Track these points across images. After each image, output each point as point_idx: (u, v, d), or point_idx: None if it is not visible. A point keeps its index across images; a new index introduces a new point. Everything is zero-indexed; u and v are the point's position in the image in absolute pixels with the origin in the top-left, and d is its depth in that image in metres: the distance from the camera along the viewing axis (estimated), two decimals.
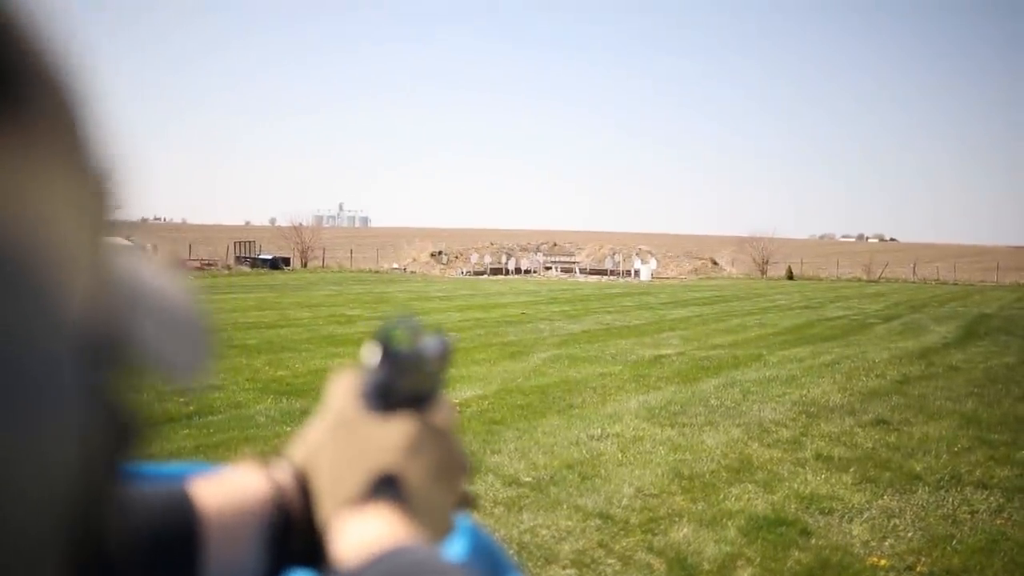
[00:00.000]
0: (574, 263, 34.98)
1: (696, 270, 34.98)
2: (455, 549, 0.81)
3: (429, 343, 0.86)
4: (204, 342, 0.38)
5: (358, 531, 0.57)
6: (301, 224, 41.14)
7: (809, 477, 4.53)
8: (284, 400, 6.69)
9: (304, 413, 6.10)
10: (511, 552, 3.44)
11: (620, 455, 5.00)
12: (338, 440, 0.64)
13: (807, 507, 4.02)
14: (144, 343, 0.32)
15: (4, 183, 0.22)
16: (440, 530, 0.64)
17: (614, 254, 35.48)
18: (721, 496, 4.18)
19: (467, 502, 0.75)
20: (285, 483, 0.65)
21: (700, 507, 4.00)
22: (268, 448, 5.14)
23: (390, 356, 0.68)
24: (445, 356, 0.88)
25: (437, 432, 0.66)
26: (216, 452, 4.95)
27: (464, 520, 0.81)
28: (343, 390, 0.68)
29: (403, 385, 0.67)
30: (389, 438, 0.64)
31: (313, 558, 0.64)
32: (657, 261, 33.59)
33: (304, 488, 0.65)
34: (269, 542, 0.63)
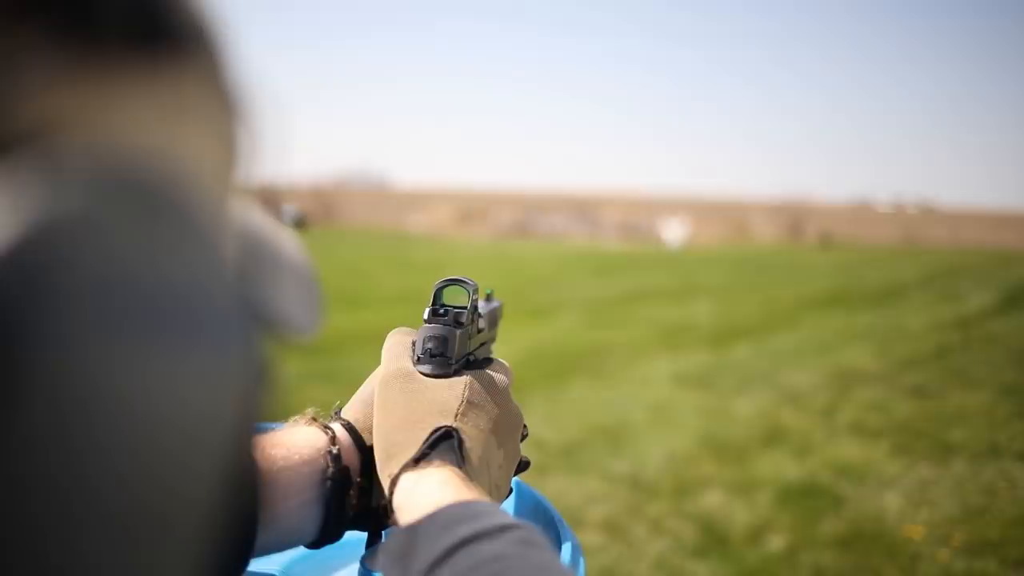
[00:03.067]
0: (601, 225, 34.82)
1: (728, 233, 34.70)
2: (508, 506, 0.78)
3: (482, 305, 0.80)
4: (316, 295, 0.37)
5: (419, 489, 0.54)
6: (323, 183, 41.28)
7: (843, 445, 4.45)
8: (311, 360, 6.68)
9: (331, 374, 6.09)
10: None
11: (649, 420, 4.94)
12: (395, 398, 0.61)
13: (840, 475, 3.95)
14: (268, 297, 0.32)
15: (169, 127, 0.22)
16: (499, 489, 0.62)
17: (643, 217, 35.31)
18: (752, 463, 4.11)
19: (523, 463, 0.71)
20: (343, 441, 0.63)
21: (731, 474, 3.93)
22: (297, 409, 5.13)
23: (446, 315, 0.66)
24: (498, 316, 0.83)
25: (495, 390, 0.64)
26: None
27: (514, 479, 0.77)
28: (399, 348, 0.66)
29: (459, 344, 0.64)
30: (447, 396, 0.61)
31: (373, 517, 0.64)
32: (688, 224, 33.34)
33: (361, 446, 0.64)
34: (327, 498, 0.61)
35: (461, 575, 0.44)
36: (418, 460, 0.56)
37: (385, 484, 0.58)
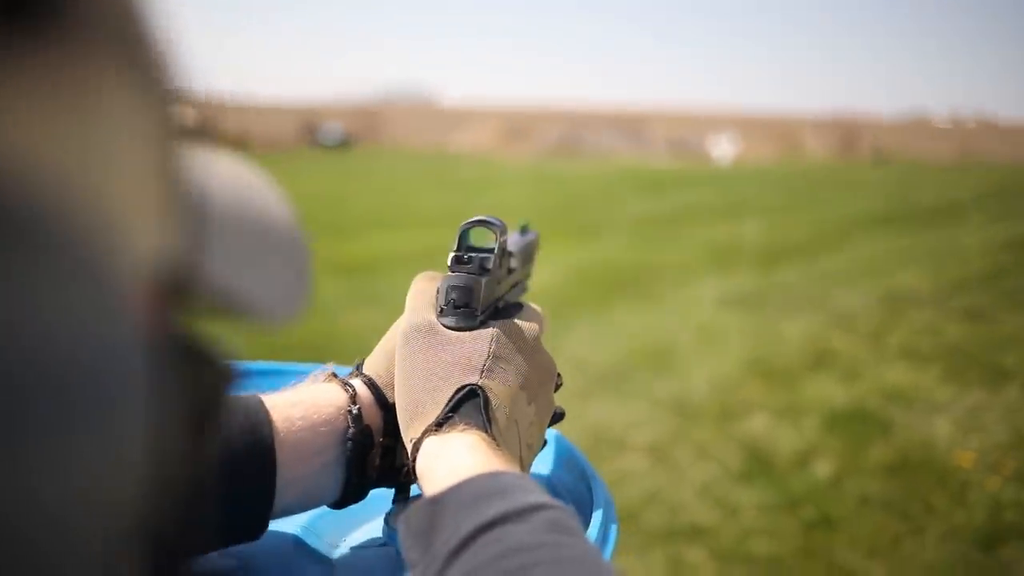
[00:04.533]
0: (649, 142, 34.31)
1: (778, 150, 34.01)
2: (539, 460, 0.75)
3: (515, 240, 0.75)
4: (303, 267, 0.31)
5: (442, 456, 0.51)
6: (369, 101, 40.97)
7: (892, 369, 4.38)
8: (351, 282, 6.71)
9: (372, 296, 6.12)
10: (583, 447, 3.40)
11: (695, 343, 4.90)
12: (416, 355, 0.58)
13: (889, 400, 3.89)
14: (224, 277, 0.26)
15: (44, 124, 0.16)
16: (530, 448, 0.59)
17: (693, 134, 34.73)
18: (800, 387, 4.07)
19: (556, 416, 0.68)
20: (364, 398, 0.60)
21: (778, 398, 3.89)
22: (340, 333, 5.17)
23: (471, 261, 0.61)
24: (533, 250, 0.78)
25: (523, 342, 0.60)
26: (290, 331, 4.97)
27: (549, 430, 0.74)
28: (422, 299, 0.62)
29: (485, 293, 0.60)
30: (471, 351, 0.57)
31: (398, 476, 0.61)
32: (737, 140, 32.74)
33: (384, 403, 0.61)
34: (348, 459, 0.58)
35: (486, 564, 0.42)
36: (441, 423, 0.53)
37: (408, 447, 0.56)
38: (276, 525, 0.61)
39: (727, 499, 2.87)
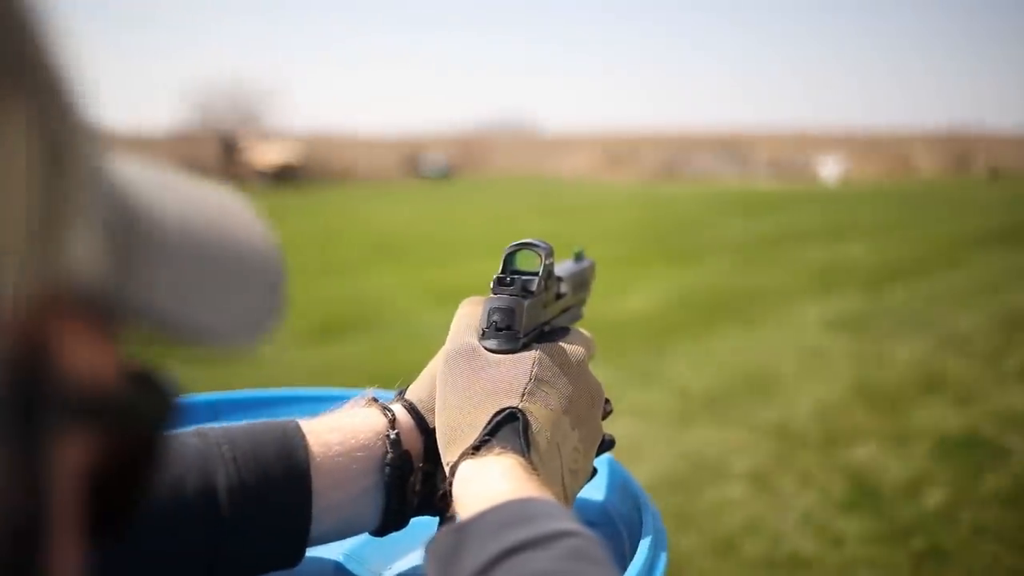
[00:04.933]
0: (752, 164, 33.80)
1: (888, 168, 33.06)
2: (592, 486, 0.73)
3: (567, 266, 0.75)
4: (262, 293, 0.29)
5: (476, 481, 0.50)
6: (469, 131, 41.48)
7: (1009, 393, 4.18)
8: (451, 308, 6.76)
9: None
10: (680, 473, 3.35)
11: (798, 367, 4.78)
12: (456, 377, 0.57)
13: (1006, 426, 3.71)
14: (170, 302, 0.24)
15: None
16: (574, 474, 0.58)
17: (798, 155, 34.06)
18: (909, 413, 3.92)
19: (605, 443, 0.66)
20: (403, 423, 0.60)
21: (885, 424, 3.76)
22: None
23: (513, 283, 0.60)
24: (588, 277, 0.77)
25: (568, 365, 0.59)
26: (386, 359, 5.03)
27: (603, 457, 0.73)
28: (466, 321, 0.61)
29: (527, 315, 0.59)
30: (512, 374, 0.56)
31: (440, 503, 0.59)
32: (844, 160, 31.95)
33: (424, 428, 0.60)
34: (387, 485, 0.58)
35: None
36: (478, 447, 0.52)
37: (447, 471, 0.55)
38: (318, 552, 0.62)
39: (830, 529, 2.78)
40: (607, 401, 0.66)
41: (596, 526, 0.67)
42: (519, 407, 0.54)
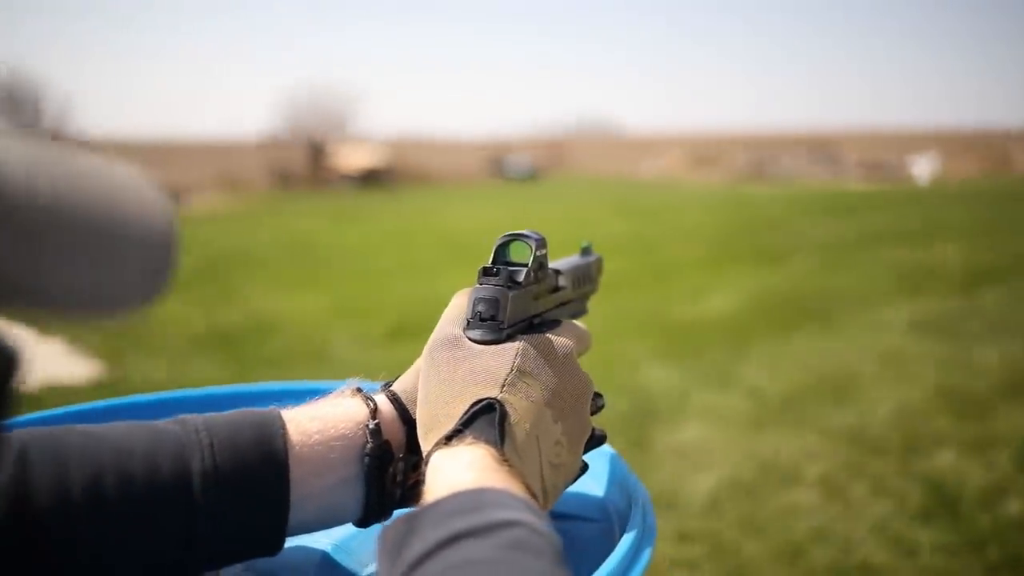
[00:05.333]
0: (842, 164, 33.04)
1: (985, 167, 31.95)
2: (593, 482, 0.72)
3: (570, 260, 0.73)
4: (144, 263, 0.30)
5: (443, 470, 0.49)
6: (556, 133, 41.49)
7: None
8: None
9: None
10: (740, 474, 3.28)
11: (880, 370, 4.65)
12: (438, 367, 0.57)
13: None
14: (14, 272, 0.25)
15: None
16: (556, 468, 0.56)
17: (889, 154, 33.19)
18: (994, 419, 3.77)
19: (595, 438, 0.65)
20: (386, 414, 0.60)
21: (967, 430, 3.62)
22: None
23: (498, 271, 0.60)
24: (592, 272, 0.76)
25: (553, 358, 0.58)
26: None
27: (602, 450, 0.72)
28: (455, 312, 0.61)
29: (512, 306, 0.58)
30: (494, 364, 0.56)
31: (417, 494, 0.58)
32: (937, 159, 31.02)
33: (407, 419, 0.60)
34: (367, 475, 0.58)
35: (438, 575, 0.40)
36: (451, 437, 0.52)
37: (424, 460, 0.54)
38: (306, 541, 0.61)
39: (904, 538, 2.68)
40: (599, 396, 0.64)
41: (592, 521, 0.66)
42: (498, 398, 0.53)
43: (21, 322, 0.24)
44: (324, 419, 0.58)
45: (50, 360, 5.53)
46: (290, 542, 0.60)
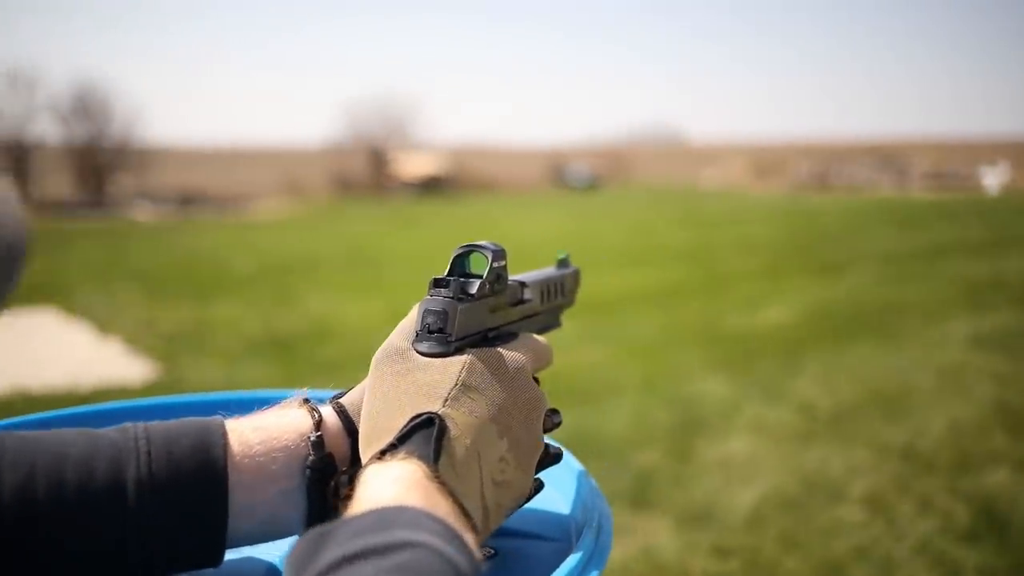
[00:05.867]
0: (909, 174, 32.35)
1: None
2: (559, 500, 0.71)
3: (542, 272, 0.72)
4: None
5: (369, 486, 0.48)
6: (617, 142, 41.30)
7: None
8: (587, 321, 6.75)
9: (606, 336, 6.12)
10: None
11: (936, 385, 4.54)
12: (382, 380, 0.56)
13: None
14: None
15: None
16: (498, 482, 0.55)
17: (957, 164, 32.43)
18: None
19: (550, 456, 0.63)
20: (330, 426, 0.59)
21: (1023, 449, 3.52)
22: (562, 370, 5.19)
23: (448, 283, 0.59)
24: (559, 287, 0.74)
25: (503, 372, 0.57)
26: None
27: (571, 467, 0.70)
28: (408, 323, 0.60)
29: (461, 319, 0.57)
30: (438, 378, 0.55)
31: None
32: (1009, 169, 30.20)
33: (353, 431, 0.59)
34: (309, 487, 0.57)
35: None
36: (384, 452, 0.51)
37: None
38: (255, 553, 0.61)
39: (948, 558, 2.61)
40: (555, 412, 0.62)
41: (549, 540, 0.65)
42: (438, 412, 0.53)
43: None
44: (267, 429, 0.58)
45: (108, 361, 5.66)
46: (237, 553, 0.59)
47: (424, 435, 0.52)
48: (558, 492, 0.72)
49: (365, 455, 0.53)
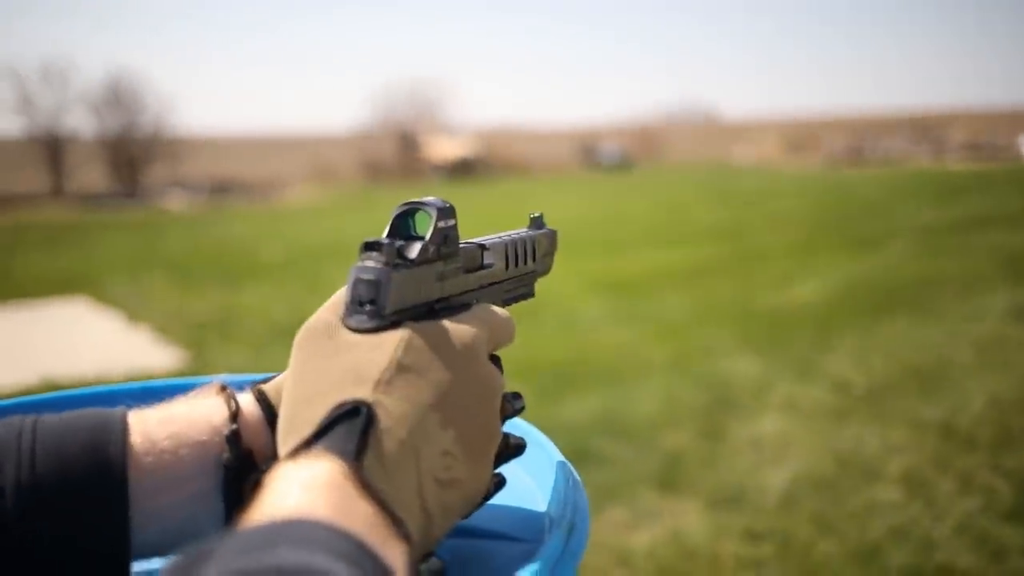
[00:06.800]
0: (946, 146, 31.77)
1: None
2: (536, 496, 0.62)
3: (506, 234, 0.63)
4: None
5: (273, 490, 0.40)
6: (648, 120, 40.98)
7: None
8: (614, 300, 6.66)
9: (635, 315, 6.03)
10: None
11: (975, 360, 4.41)
12: (305, 361, 0.47)
13: None
14: None
15: None
16: (442, 480, 0.46)
17: (996, 135, 31.81)
18: None
19: (511, 447, 0.54)
20: (250, 417, 0.50)
21: None
22: (592, 348, 5.12)
23: (380, 246, 0.49)
24: (527, 249, 0.64)
25: (448, 350, 0.48)
26: (540, 349, 4.98)
27: (551, 458, 0.62)
28: (339, 294, 0.51)
29: (398, 288, 0.48)
30: (368, 359, 0.46)
31: None
32: None
33: (275, 422, 0.50)
34: (226, 490, 0.48)
35: None
36: (298, 449, 0.43)
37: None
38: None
39: (991, 539, 2.51)
40: (516, 396, 0.54)
41: (517, 541, 0.57)
42: (367, 400, 0.44)
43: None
44: (176, 422, 0.50)
45: (137, 348, 5.66)
46: (146, 565, 0.51)
47: (348, 427, 0.43)
48: (536, 485, 0.64)
49: (281, 450, 0.45)
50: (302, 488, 0.39)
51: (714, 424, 3.62)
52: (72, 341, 6.17)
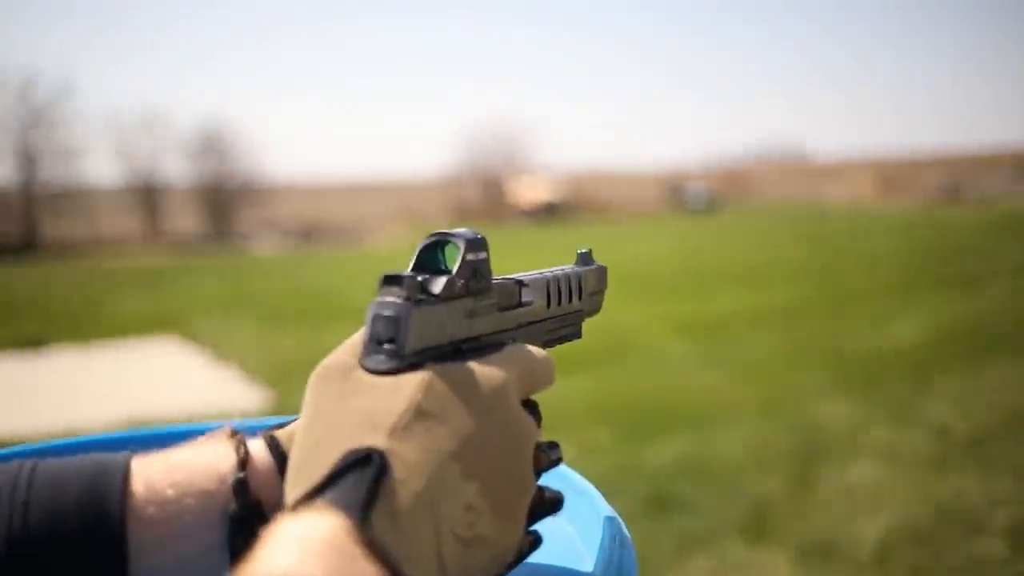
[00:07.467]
0: None
1: None
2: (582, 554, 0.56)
3: (550, 271, 0.58)
4: None
5: (270, 541, 0.36)
6: (736, 160, 40.67)
7: None
8: (701, 343, 6.53)
9: (723, 358, 5.90)
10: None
11: None
12: (318, 405, 0.43)
13: None
14: None
15: None
16: (464, 539, 0.42)
17: None
18: None
19: (546, 501, 0.48)
20: (260, 464, 0.46)
21: None
22: (675, 391, 5.01)
23: (401, 279, 0.44)
24: (571, 286, 0.59)
25: (474, 394, 0.44)
26: (623, 390, 4.89)
27: (598, 511, 0.56)
28: (358, 334, 0.47)
29: (419, 325, 0.44)
30: (385, 403, 0.42)
31: None
32: None
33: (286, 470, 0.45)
34: (232, 544, 0.44)
35: None
36: (301, 500, 0.38)
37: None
38: None
39: None
40: (553, 446, 0.49)
41: None
42: (382, 448, 0.40)
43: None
44: (181, 469, 0.46)
45: (224, 387, 5.75)
46: None
47: (357, 477, 0.39)
48: (582, 544, 0.57)
49: (288, 501, 0.40)
50: (297, 546, 0.34)
51: (804, 470, 3.48)
52: (161, 379, 6.31)
